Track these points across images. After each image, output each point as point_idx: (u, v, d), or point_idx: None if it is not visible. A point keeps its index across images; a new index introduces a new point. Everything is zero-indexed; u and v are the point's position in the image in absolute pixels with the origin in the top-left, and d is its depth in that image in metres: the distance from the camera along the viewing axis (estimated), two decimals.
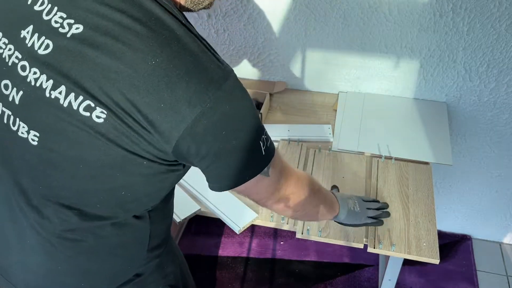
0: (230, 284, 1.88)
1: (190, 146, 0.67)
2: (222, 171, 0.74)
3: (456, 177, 1.86)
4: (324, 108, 1.65)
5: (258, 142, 0.73)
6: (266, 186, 0.81)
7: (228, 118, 0.67)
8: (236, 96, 0.69)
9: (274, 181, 0.81)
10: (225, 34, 1.65)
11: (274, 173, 0.80)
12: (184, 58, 0.64)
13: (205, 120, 0.64)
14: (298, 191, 0.89)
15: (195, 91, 0.64)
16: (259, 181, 0.77)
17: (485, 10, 1.38)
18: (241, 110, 0.70)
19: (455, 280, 1.88)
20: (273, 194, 0.84)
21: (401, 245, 1.16)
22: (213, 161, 0.71)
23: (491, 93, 1.56)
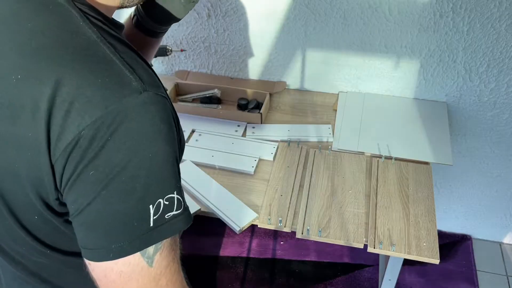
0: (230, 284, 1.88)
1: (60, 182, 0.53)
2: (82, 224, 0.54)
3: (456, 177, 1.86)
4: (324, 108, 1.65)
5: (147, 205, 0.52)
6: (140, 283, 0.55)
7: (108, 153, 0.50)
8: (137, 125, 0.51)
9: (154, 277, 0.55)
10: (225, 34, 1.65)
11: (159, 264, 0.55)
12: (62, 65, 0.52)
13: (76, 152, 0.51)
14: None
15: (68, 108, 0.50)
16: (132, 269, 0.54)
17: (485, 10, 1.38)
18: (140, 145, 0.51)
19: (455, 280, 1.88)
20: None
21: (401, 245, 1.16)
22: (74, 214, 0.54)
23: (491, 93, 1.56)
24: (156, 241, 0.54)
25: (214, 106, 1.62)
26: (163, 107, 0.53)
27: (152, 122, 0.51)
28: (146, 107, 0.51)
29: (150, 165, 0.52)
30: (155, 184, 0.52)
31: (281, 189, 1.31)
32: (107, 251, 0.53)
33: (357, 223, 1.21)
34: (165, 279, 0.56)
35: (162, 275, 0.56)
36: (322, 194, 1.30)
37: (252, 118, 1.55)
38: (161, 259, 0.55)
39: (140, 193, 0.52)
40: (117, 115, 0.50)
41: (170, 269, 0.57)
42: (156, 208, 0.52)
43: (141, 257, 0.54)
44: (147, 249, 0.54)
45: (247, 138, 1.49)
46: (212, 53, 1.72)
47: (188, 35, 1.69)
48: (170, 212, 0.54)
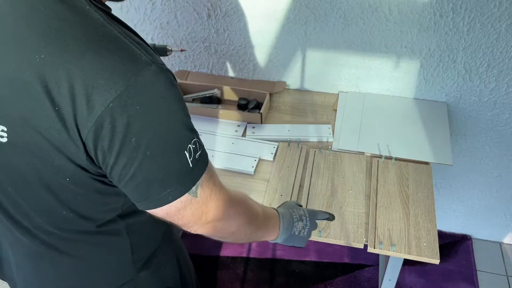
0: (230, 284, 1.88)
1: (96, 154, 0.60)
2: (137, 187, 0.63)
3: (456, 177, 1.86)
4: (324, 108, 1.64)
5: (183, 152, 0.62)
6: (192, 210, 0.68)
7: (140, 119, 0.58)
8: (156, 91, 0.59)
9: (202, 203, 0.68)
10: (225, 34, 1.65)
11: (203, 194, 0.68)
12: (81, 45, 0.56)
13: (109, 122, 0.56)
14: (230, 218, 0.76)
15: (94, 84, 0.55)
16: (184, 203, 0.66)
17: (485, 10, 1.38)
18: (160, 110, 0.59)
19: (455, 280, 1.88)
20: (199, 219, 0.70)
21: (401, 245, 1.16)
22: (122, 176, 0.62)
23: (491, 93, 1.56)
24: (197, 179, 0.65)
25: (214, 106, 1.62)
26: (167, 73, 0.61)
27: (166, 87, 0.60)
28: (159, 76, 0.59)
29: (176, 121, 0.61)
30: (183, 134, 0.62)
31: (281, 189, 1.31)
32: (166, 196, 0.63)
33: (357, 223, 1.21)
34: (212, 201, 0.70)
35: (209, 199, 0.69)
36: (322, 194, 1.29)
37: (252, 118, 1.55)
38: (203, 190, 0.67)
39: (175, 144, 0.62)
40: (137, 86, 0.57)
41: (214, 193, 0.70)
42: (189, 152, 0.63)
43: (188, 195, 0.65)
44: (193, 188, 0.65)
45: (247, 138, 1.49)
46: (212, 53, 1.72)
47: (188, 35, 1.69)
48: (197, 152, 0.65)
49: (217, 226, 0.74)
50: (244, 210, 0.80)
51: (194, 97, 1.66)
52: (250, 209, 0.82)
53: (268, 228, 0.90)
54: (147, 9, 1.64)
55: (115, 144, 0.58)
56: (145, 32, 1.71)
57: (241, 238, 0.83)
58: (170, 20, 1.66)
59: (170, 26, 1.68)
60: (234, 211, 0.76)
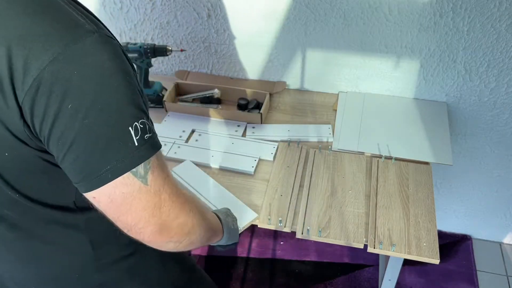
0: (230, 284, 1.88)
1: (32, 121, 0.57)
2: (76, 161, 0.60)
3: (456, 177, 1.86)
4: (324, 108, 1.65)
5: (127, 127, 0.59)
6: (143, 201, 0.63)
7: (78, 85, 0.55)
8: (97, 60, 0.56)
9: (155, 193, 0.63)
10: (225, 34, 1.65)
11: (155, 182, 0.63)
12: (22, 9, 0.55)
13: (44, 86, 0.54)
14: (185, 216, 0.70)
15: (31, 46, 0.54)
16: (132, 188, 0.61)
17: (485, 10, 1.38)
18: (101, 78, 0.57)
19: (455, 280, 1.88)
20: (152, 214, 0.64)
21: (401, 245, 1.16)
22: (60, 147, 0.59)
23: (491, 93, 1.56)
24: (144, 159, 0.61)
25: (214, 106, 1.62)
26: (114, 45, 0.59)
27: (110, 57, 0.58)
28: (102, 45, 0.57)
29: (119, 93, 0.58)
30: (128, 109, 0.59)
31: (281, 189, 1.31)
32: (105, 173, 0.59)
33: (357, 223, 1.21)
34: (166, 193, 0.65)
35: (162, 191, 0.64)
36: (322, 194, 1.29)
37: (252, 118, 1.55)
38: (154, 177, 0.63)
39: (117, 117, 0.58)
40: (77, 51, 0.55)
41: (167, 184, 0.65)
42: (135, 130, 0.59)
43: (135, 177, 0.61)
44: (138, 169, 0.61)
45: (247, 138, 1.49)
46: (212, 53, 1.72)
47: (188, 35, 1.69)
48: (146, 134, 0.61)
49: (172, 226, 0.68)
50: (196, 206, 0.74)
51: (194, 97, 1.66)
52: (200, 205, 0.77)
53: (217, 227, 0.87)
54: (147, 9, 1.64)
55: (51, 109, 0.56)
56: (145, 32, 1.71)
57: (196, 240, 0.75)
58: (170, 20, 1.66)
59: (170, 26, 1.68)
60: (189, 208, 0.71)
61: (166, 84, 1.68)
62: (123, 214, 0.63)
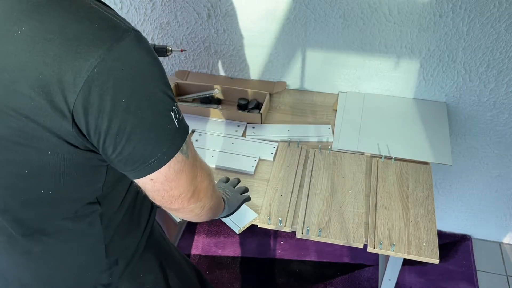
0: (230, 284, 1.88)
1: (87, 121, 0.60)
2: (133, 151, 0.64)
3: (456, 177, 1.86)
4: (324, 108, 1.65)
5: (169, 112, 0.65)
6: (187, 173, 0.71)
7: (127, 81, 0.59)
8: (138, 56, 0.61)
9: (193, 164, 0.72)
10: (225, 34, 1.65)
11: (192, 155, 0.71)
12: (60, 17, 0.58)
13: (96, 86, 0.58)
14: (208, 181, 0.78)
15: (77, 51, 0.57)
16: (181, 164, 0.68)
17: (485, 10, 1.38)
18: (145, 72, 0.62)
19: (455, 280, 1.88)
20: (192, 183, 0.73)
21: (401, 245, 1.16)
22: (118, 141, 0.62)
23: (491, 93, 1.56)
24: (185, 137, 0.68)
25: (214, 106, 1.62)
26: (146, 40, 0.63)
27: (148, 52, 0.62)
28: (139, 42, 0.61)
29: (159, 83, 0.63)
30: (167, 95, 0.64)
31: (281, 189, 1.31)
32: (162, 156, 0.65)
33: (357, 223, 1.22)
34: (198, 162, 0.73)
35: (196, 161, 0.72)
36: (322, 194, 1.30)
37: (252, 118, 1.55)
38: (190, 151, 0.71)
39: (162, 105, 0.64)
40: (121, 50, 0.58)
41: (197, 155, 0.74)
42: (174, 113, 0.65)
43: (181, 154, 0.68)
44: (183, 147, 0.68)
45: (247, 138, 1.49)
46: (212, 53, 1.72)
47: (188, 35, 1.69)
48: (179, 115, 0.67)
49: (201, 189, 0.76)
50: (211, 174, 0.81)
51: (194, 97, 1.66)
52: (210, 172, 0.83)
53: (219, 197, 0.92)
54: (147, 9, 1.64)
55: (106, 106, 0.59)
56: (145, 32, 1.71)
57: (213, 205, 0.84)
58: (170, 20, 1.66)
59: (170, 26, 1.68)
60: (207, 173, 0.78)
61: None
62: (172, 189, 0.70)
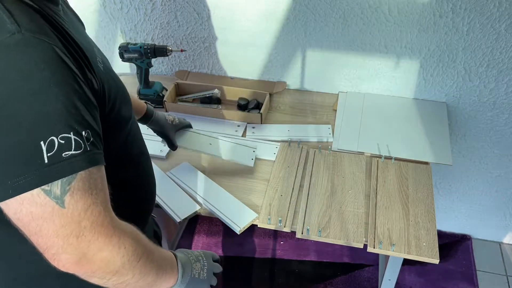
0: (230, 284, 1.88)
1: None
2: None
3: (456, 177, 1.86)
4: (324, 108, 1.65)
5: (37, 141, 0.52)
6: (56, 225, 0.55)
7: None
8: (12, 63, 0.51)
9: (72, 218, 0.55)
10: (225, 34, 1.65)
11: (75, 206, 0.55)
12: None
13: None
14: (113, 249, 0.60)
15: None
16: (43, 210, 0.54)
17: (485, 10, 1.38)
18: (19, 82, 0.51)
19: (455, 280, 1.88)
20: (68, 243, 0.56)
21: (401, 245, 1.16)
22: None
23: (490, 93, 1.56)
24: (56, 178, 0.54)
25: (214, 106, 1.62)
26: (42, 50, 0.53)
27: (28, 62, 0.51)
28: (20, 47, 0.51)
29: (32, 102, 0.52)
30: (42, 121, 0.52)
31: (281, 189, 1.31)
32: (6, 187, 0.53)
33: (357, 223, 1.22)
34: (88, 221, 0.56)
35: (83, 217, 0.56)
36: (322, 194, 1.30)
37: (252, 118, 1.55)
38: (74, 201, 0.55)
39: (26, 127, 0.52)
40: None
41: (92, 212, 0.57)
42: (49, 145, 0.52)
43: (47, 196, 0.54)
44: (52, 189, 0.54)
45: (247, 138, 1.49)
46: (212, 53, 1.72)
47: (188, 35, 1.69)
48: (68, 151, 0.54)
49: (94, 260, 0.58)
50: (133, 242, 0.63)
51: (194, 97, 1.66)
52: (140, 242, 0.66)
53: (166, 270, 0.74)
54: (147, 9, 1.64)
55: None
56: (145, 32, 1.71)
57: (130, 281, 0.65)
58: (170, 20, 1.66)
59: (170, 26, 1.68)
60: (119, 242, 0.60)
61: (166, 84, 1.69)
62: (32, 235, 0.56)
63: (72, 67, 0.56)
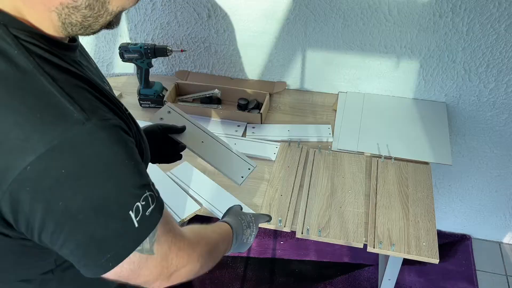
0: (230, 284, 1.88)
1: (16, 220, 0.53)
2: (71, 254, 0.57)
3: (456, 177, 1.86)
4: (324, 108, 1.65)
5: (126, 213, 0.55)
6: (150, 269, 0.62)
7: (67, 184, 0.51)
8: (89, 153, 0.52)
9: (162, 259, 0.62)
10: (225, 34, 1.65)
11: (161, 249, 0.61)
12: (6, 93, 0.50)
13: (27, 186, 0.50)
14: (194, 262, 0.69)
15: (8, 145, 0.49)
16: (138, 263, 0.60)
17: (485, 10, 1.38)
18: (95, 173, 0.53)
19: (455, 280, 1.89)
20: (161, 274, 0.64)
21: (400, 244, 1.16)
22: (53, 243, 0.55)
23: (490, 93, 1.57)
24: (147, 235, 0.59)
25: (214, 106, 1.63)
26: (111, 131, 0.54)
27: (105, 146, 0.53)
28: (93, 136, 0.52)
29: (117, 183, 0.55)
30: (127, 195, 0.56)
31: (281, 189, 1.31)
32: (106, 262, 0.57)
33: (357, 222, 1.22)
34: (173, 253, 0.64)
35: (168, 254, 0.63)
36: (322, 194, 1.30)
37: (252, 118, 1.55)
38: (160, 245, 0.61)
39: (116, 206, 0.55)
40: (64, 148, 0.50)
41: (173, 245, 0.64)
42: (136, 211, 0.56)
43: (141, 254, 0.59)
44: (143, 246, 0.59)
45: (247, 138, 1.49)
46: (212, 53, 1.72)
47: (188, 35, 1.69)
48: (148, 208, 0.58)
49: (182, 274, 0.68)
50: (205, 248, 0.72)
51: (194, 97, 1.66)
52: (209, 244, 0.75)
53: (226, 249, 0.86)
54: (147, 9, 1.64)
55: (38, 209, 0.52)
56: (145, 32, 1.71)
57: (206, 270, 0.76)
58: (170, 20, 1.66)
59: (170, 26, 1.68)
60: (196, 255, 0.69)
61: (167, 84, 1.69)
62: (131, 281, 0.63)
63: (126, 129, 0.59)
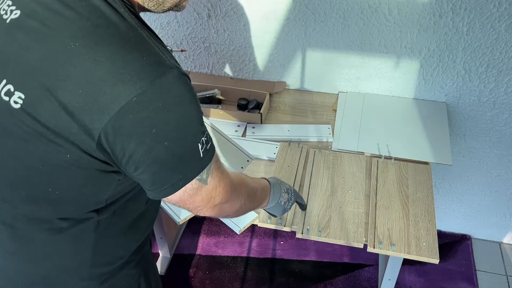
0: (230, 284, 1.88)
1: (114, 142, 0.63)
2: (153, 175, 0.68)
3: (456, 177, 1.86)
4: (324, 108, 1.65)
5: (197, 144, 0.69)
6: (202, 196, 0.76)
7: (162, 114, 0.63)
8: (177, 92, 0.65)
9: (212, 189, 0.76)
10: (225, 34, 1.65)
11: (213, 181, 0.75)
12: (114, 43, 0.62)
13: (131, 114, 0.61)
14: (234, 200, 0.84)
15: (121, 78, 0.60)
16: (196, 190, 0.73)
17: (485, 10, 1.38)
18: (180, 107, 0.65)
19: (455, 280, 1.89)
20: (208, 202, 0.78)
21: (400, 244, 1.16)
22: (140, 163, 0.66)
23: (490, 93, 1.57)
24: (206, 165, 0.71)
25: (214, 106, 1.63)
26: (187, 78, 0.67)
27: (186, 89, 0.66)
28: (179, 79, 0.65)
29: (193, 118, 0.67)
30: (198, 129, 0.69)
31: None
32: (177, 182, 0.70)
33: (357, 222, 1.22)
34: (220, 187, 0.78)
35: (217, 186, 0.77)
36: (322, 193, 1.30)
37: (252, 118, 1.55)
38: (212, 178, 0.75)
39: (191, 137, 0.68)
40: (161, 86, 0.62)
41: (221, 180, 0.77)
42: (201, 144, 0.69)
43: (199, 182, 0.72)
44: (202, 175, 0.72)
45: (247, 138, 1.49)
46: (212, 53, 1.72)
47: (188, 35, 1.69)
48: (208, 143, 0.71)
49: (223, 208, 0.82)
50: (245, 190, 0.88)
51: None
52: (249, 188, 0.91)
53: (263, 199, 1.00)
54: None
55: (136, 133, 0.62)
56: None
57: (242, 213, 0.93)
58: (170, 20, 1.66)
59: (170, 26, 1.68)
60: (237, 193, 0.84)
61: None
62: (186, 205, 0.76)
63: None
